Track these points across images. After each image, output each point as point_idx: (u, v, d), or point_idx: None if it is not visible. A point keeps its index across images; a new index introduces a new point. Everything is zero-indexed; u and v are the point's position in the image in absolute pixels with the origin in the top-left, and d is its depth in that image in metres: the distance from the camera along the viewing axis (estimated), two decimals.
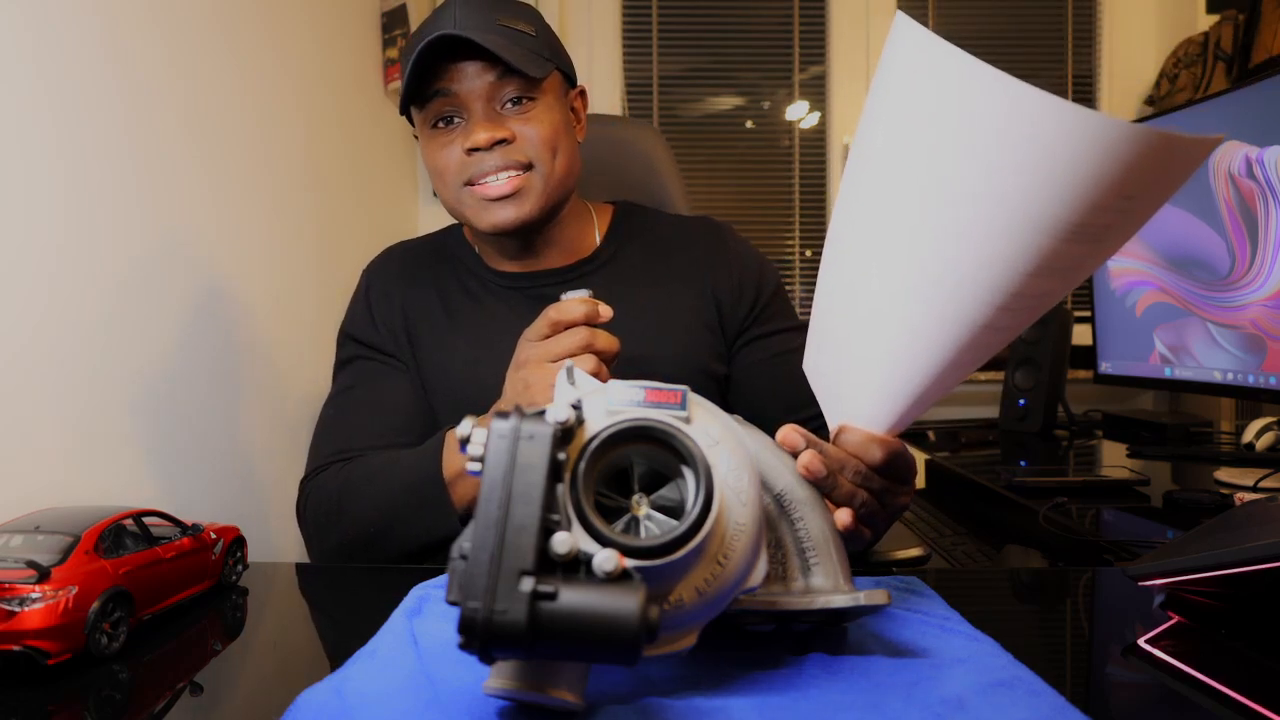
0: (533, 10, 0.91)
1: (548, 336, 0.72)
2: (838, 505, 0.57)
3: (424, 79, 0.85)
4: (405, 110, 0.90)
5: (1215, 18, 2.05)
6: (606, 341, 0.71)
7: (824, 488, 0.55)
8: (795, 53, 2.35)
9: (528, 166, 0.87)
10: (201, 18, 1.08)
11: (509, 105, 0.87)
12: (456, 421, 0.47)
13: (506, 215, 0.87)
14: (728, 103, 2.40)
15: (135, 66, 0.93)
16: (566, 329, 0.71)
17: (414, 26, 1.85)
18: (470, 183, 0.87)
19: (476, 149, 0.85)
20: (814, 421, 0.92)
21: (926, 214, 0.49)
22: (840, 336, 0.58)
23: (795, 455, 0.54)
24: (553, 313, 0.72)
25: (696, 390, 0.91)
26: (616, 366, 0.72)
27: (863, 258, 0.55)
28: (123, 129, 0.90)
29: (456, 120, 0.88)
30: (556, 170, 0.89)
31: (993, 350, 0.53)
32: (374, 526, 0.80)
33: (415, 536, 0.77)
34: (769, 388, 0.95)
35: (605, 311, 0.71)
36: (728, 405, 0.97)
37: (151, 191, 0.95)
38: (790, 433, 0.55)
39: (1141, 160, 0.42)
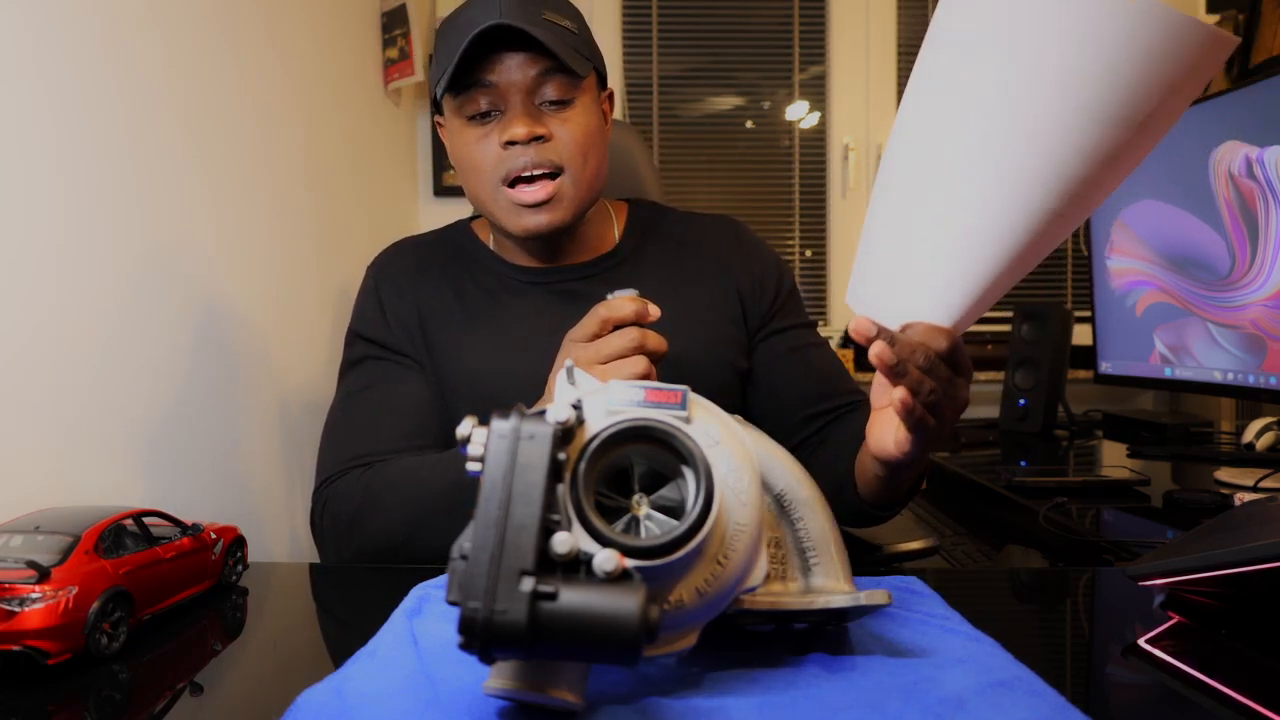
0: (574, 7, 0.90)
1: (596, 336, 0.70)
2: (905, 388, 0.58)
3: (465, 67, 0.83)
4: (438, 98, 0.88)
5: (1215, 18, 2.05)
6: (656, 342, 0.70)
7: (893, 374, 0.57)
8: (795, 53, 2.35)
9: (558, 171, 0.85)
10: (201, 18, 1.08)
11: (547, 105, 0.86)
12: None
13: (539, 221, 0.86)
14: (728, 103, 2.40)
15: (135, 66, 0.93)
16: (616, 329, 0.70)
17: (414, 26, 1.85)
18: (506, 182, 0.85)
19: (514, 142, 0.84)
20: (831, 414, 0.92)
21: (986, 106, 0.54)
22: (901, 237, 0.60)
23: (867, 344, 0.57)
24: (603, 311, 0.70)
25: (722, 386, 0.93)
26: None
27: (925, 155, 0.58)
28: (123, 129, 0.90)
29: (493, 114, 0.86)
30: (587, 175, 0.87)
31: (1053, 243, 0.57)
32: (400, 535, 0.79)
33: (443, 544, 0.75)
34: (788, 382, 0.95)
35: (654, 311, 0.70)
36: (747, 401, 0.97)
37: (151, 191, 0.95)
38: (862, 321, 0.57)
39: (1181, 47, 0.49)
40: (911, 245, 0.59)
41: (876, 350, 0.56)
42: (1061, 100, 0.51)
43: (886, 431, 0.66)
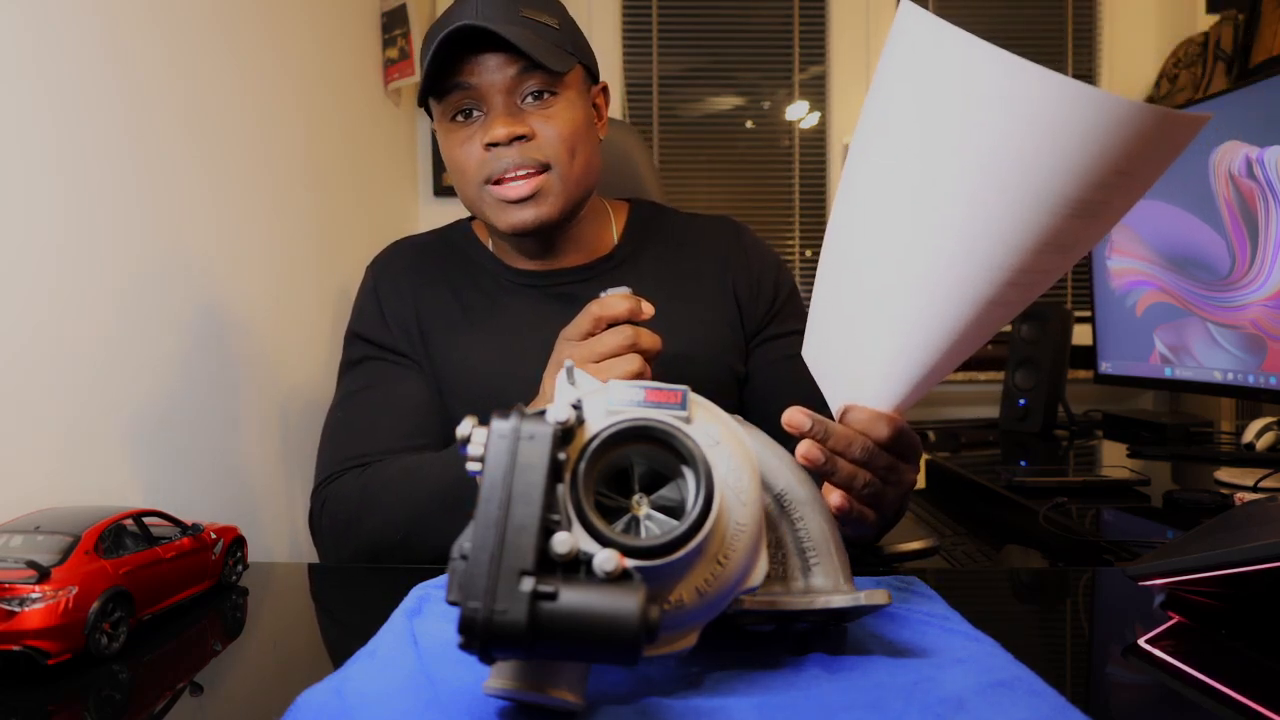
0: (557, 2, 0.89)
1: (589, 334, 0.70)
2: (837, 487, 0.57)
3: (443, 70, 0.83)
4: (423, 102, 0.88)
5: (1215, 18, 2.05)
6: (650, 340, 0.70)
7: (823, 472, 0.56)
8: (795, 53, 2.35)
9: (545, 167, 0.85)
10: (201, 18, 1.08)
11: (530, 99, 0.85)
12: None
13: (525, 217, 0.86)
14: (728, 103, 2.40)
15: (135, 66, 0.93)
16: (609, 327, 0.70)
17: (414, 26, 1.85)
18: (490, 181, 0.85)
19: (495, 144, 0.84)
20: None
21: (932, 192, 0.51)
22: (845, 317, 0.59)
23: (801, 436, 0.55)
24: (596, 309, 0.70)
25: (718, 389, 0.93)
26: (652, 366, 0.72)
27: (867, 238, 0.56)
28: (123, 129, 0.90)
29: (476, 113, 0.86)
30: (574, 171, 0.87)
31: (997, 327, 0.55)
32: (398, 534, 0.79)
33: (441, 544, 0.75)
34: (783, 388, 0.95)
35: (648, 309, 0.70)
36: (742, 404, 0.97)
37: (151, 191, 0.95)
38: (795, 413, 0.56)
39: (1137, 134, 0.45)
40: (852, 330, 0.58)
41: (803, 450, 0.55)
42: (999, 185, 0.48)
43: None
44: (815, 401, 0.94)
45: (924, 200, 0.51)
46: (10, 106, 0.75)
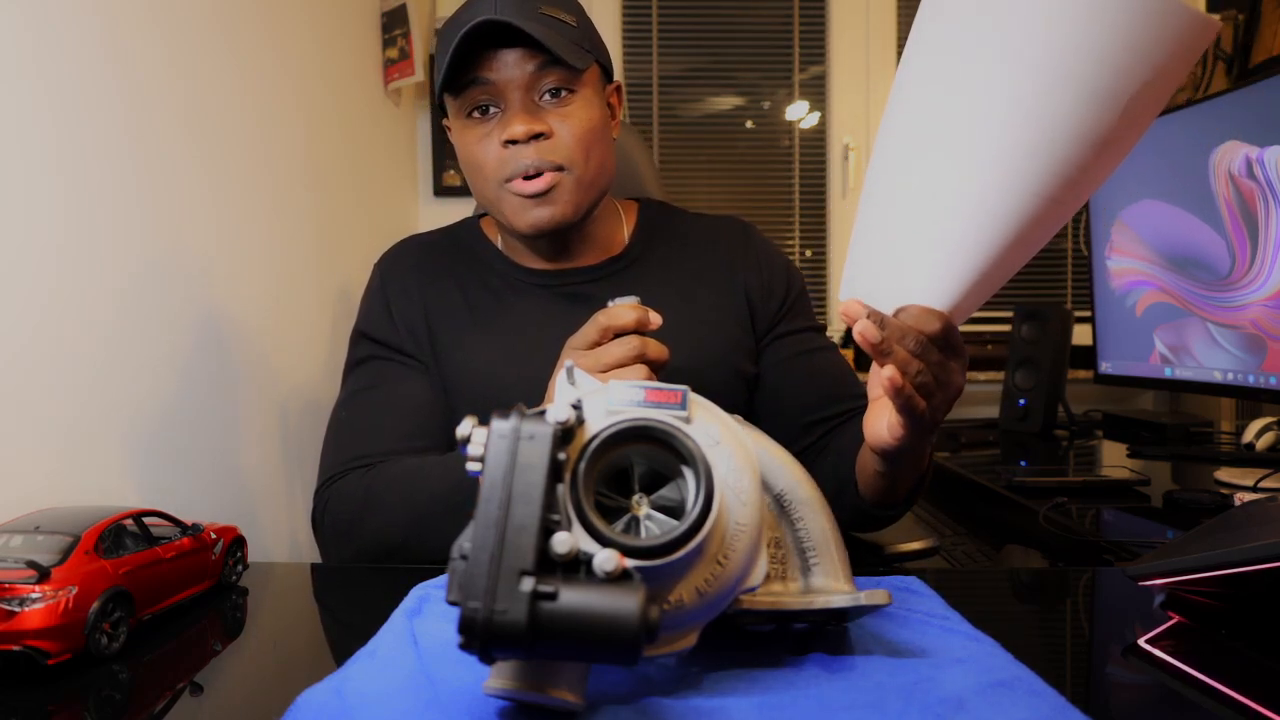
0: (574, 1, 0.89)
1: (596, 344, 0.70)
2: (894, 368, 0.58)
3: (461, 66, 0.83)
4: (439, 97, 0.88)
5: (1215, 17, 2.05)
6: (657, 350, 0.70)
7: (878, 353, 0.58)
8: (795, 53, 2.35)
9: (560, 169, 0.85)
10: (201, 18, 1.08)
11: (547, 97, 0.85)
12: None
13: (542, 215, 0.85)
14: (728, 103, 2.40)
15: (135, 66, 0.93)
16: (616, 337, 0.70)
17: (414, 26, 1.85)
18: (509, 180, 0.85)
19: (513, 141, 0.83)
20: (836, 419, 0.92)
21: (984, 92, 0.55)
22: (896, 222, 0.60)
23: (855, 323, 0.58)
24: (603, 319, 0.70)
25: (726, 390, 0.93)
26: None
27: (920, 143, 0.58)
28: (123, 130, 0.90)
29: (493, 110, 0.85)
30: (590, 171, 0.87)
31: (1048, 232, 0.57)
32: (401, 535, 0.79)
33: (443, 545, 0.74)
34: (793, 387, 0.95)
35: (655, 319, 0.70)
36: (753, 404, 0.97)
37: (151, 192, 0.95)
38: (852, 303, 0.58)
39: (1162, 28, 0.51)
40: (906, 230, 0.59)
41: (860, 328, 0.57)
42: (1050, 81, 0.52)
43: (880, 419, 0.66)
44: (827, 397, 0.95)
45: (974, 101, 0.55)
46: (10, 106, 0.75)
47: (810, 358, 0.96)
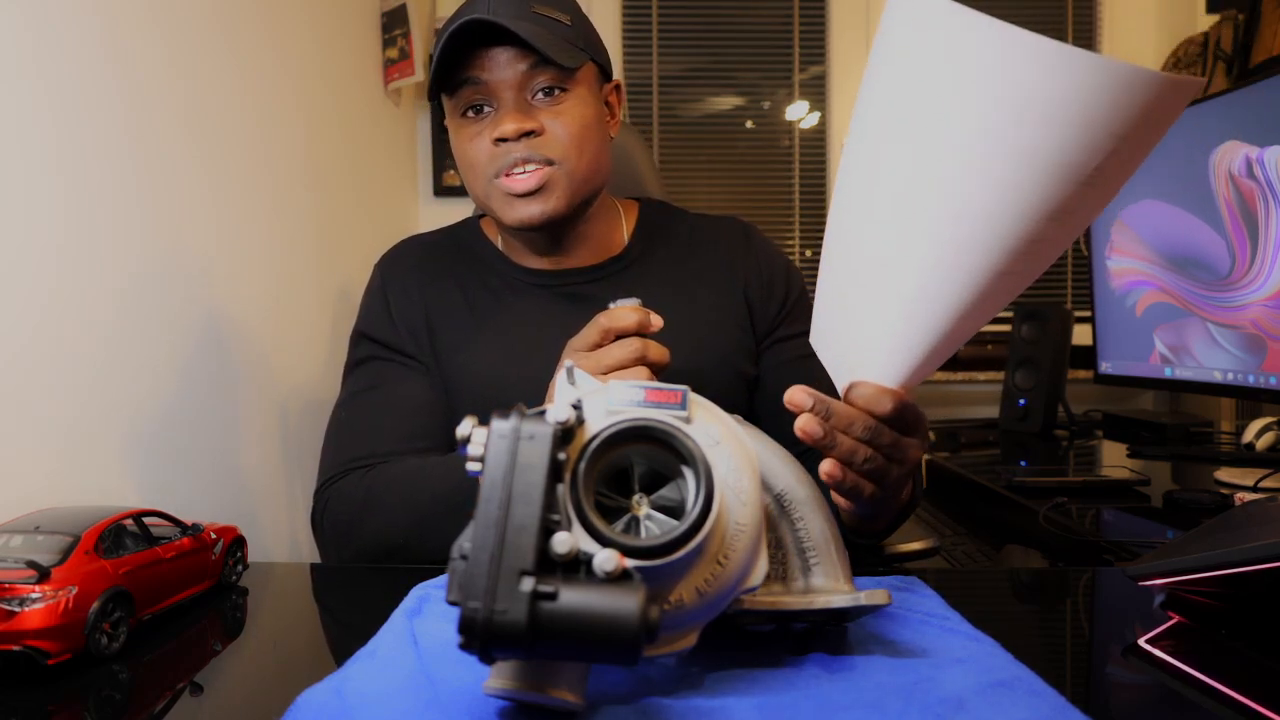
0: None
1: (597, 345, 0.70)
2: (837, 460, 0.57)
3: (454, 65, 0.83)
4: (434, 97, 0.88)
5: (1215, 18, 2.05)
6: (658, 352, 0.69)
7: (822, 447, 0.56)
8: (795, 53, 2.36)
9: (550, 163, 0.85)
10: (201, 18, 1.08)
11: (540, 96, 0.85)
12: None
13: (532, 211, 0.85)
14: (728, 103, 2.40)
15: (135, 66, 0.93)
16: (617, 339, 0.69)
17: (414, 26, 1.85)
18: (497, 175, 0.85)
19: (504, 139, 0.83)
20: None
21: (930, 164, 0.52)
22: (848, 295, 0.59)
23: (801, 413, 0.56)
24: (604, 320, 0.70)
25: (727, 391, 0.93)
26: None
27: (869, 214, 0.56)
28: (123, 129, 0.90)
29: (486, 109, 0.85)
30: (582, 167, 0.86)
31: (1002, 301, 0.55)
32: (401, 536, 0.79)
33: (443, 546, 0.74)
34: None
35: (656, 321, 0.70)
36: (754, 405, 0.97)
37: (151, 192, 0.95)
38: (797, 391, 0.57)
39: (1131, 97, 0.46)
40: (856, 307, 0.58)
41: (800, 424, 0.56)
42: (1003, 150, 0.49)
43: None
44: None
45: (923, 173, 0.52)
46: (10, 106, 0.75)
47: (810, 361, 0.95)
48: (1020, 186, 0.49)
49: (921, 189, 0.52)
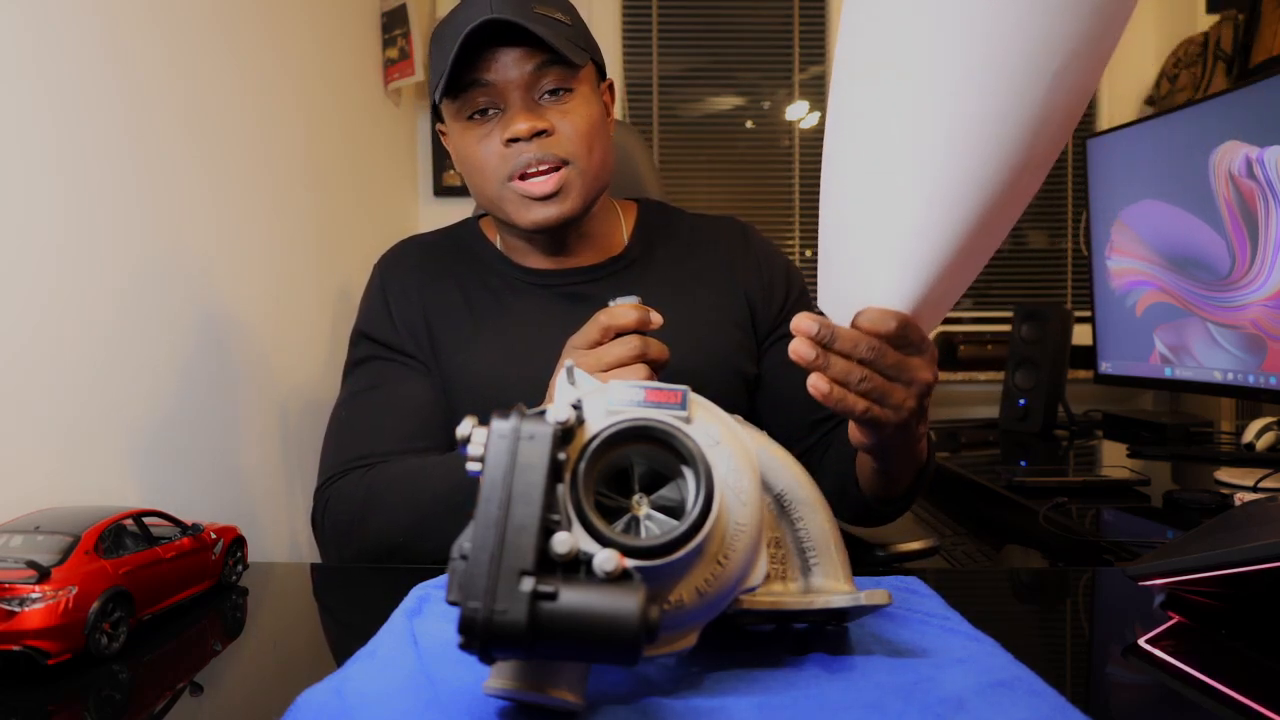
0: (566, 0, 0.89)
1: (597, 343, 0.70)
2: (832, 378, 0.58)
3: (460, 68, 0.83)
4: (436, 102, 0.88)
5: (1215, 18, 2.05)
6: (658, 350, 0.69)
7: (814, 368, 0.57)
8: (795, 53, 2.36)
9: (565, 162, 0.85)
10: (201, 18, 1.08)
11: (546, 97, 0.85)
12: None
13: (549, 213, 0.85)
14: (728, 103, 2.40)
15: (135, 66, 0.93)
16: (617, 336, 0.70)
17: (414, 26, 1.85)
18: (512, 177, 0.85)
19: (516, 139, 0.83)
20: (837, 418, 0.92)
21: (931, 66, 0.52)
22: (852, 217, 0.59)
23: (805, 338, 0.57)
24: (604, 318, 0.70)
25: (727, 391, 0.93)
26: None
27: (871, 129, 0.56)
28: (123, 129, 0.90)
29: (492, 111, 0.85)
30: (593, 165, 0.87)
31: (1008, 218, 0.55)
32: (401, 536, 0.79)
33: (444, 546, 0.74)
34: (798, 386, 0.94)
35: (656, 319, 0.70)
36: (755, 404, 0.97)
37: (151, 192, 0.95)
38: (803, 318, 0.57)
39: None
40: (861, 227, 0.58)
41: (793, 346, 0.57)
42: (999, 56, 0.51)
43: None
44: None
45: (923, 77, 0.53)
46: (10, 106, 0.75)
47: None
48: (1013, 82, 0.51)
49: (925, 93, 0.53)
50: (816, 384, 0.57)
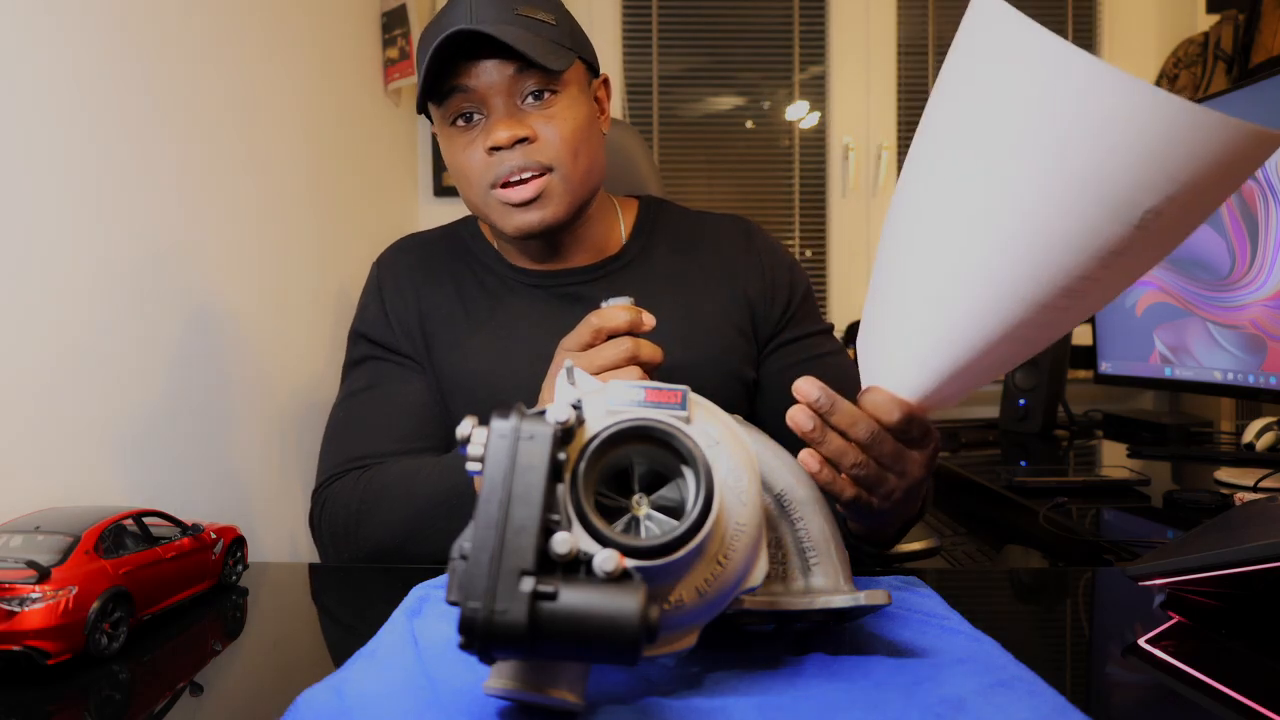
0: None
1: (589, 345, 0.69)
2: (825, 456, 0.56)
3: (441, 74, 0.82)
4: (422, 107, 0.87)
5: (1215, 18, 2.05)
6: (650, 352, 0.69)
7: (811, 441, 0.55)
8: (795, 53, 2.35)
9: (548, 169, 0.84)
10: (202, 17, 1.08)
11: (530, 100, 0.84)
12: None
13: (530, 220, 0.84)
14: (728, 103, 2.40)
15: (135, 66, 0.93)
16: (609, 338, 0.69)
17: (414, 27, 1.85)
18: (495, 185, 0.84)
19: (498, 148, 0.82)
20: None
21: (998, 189, 0.50)
22: (887, 299, 0.57)
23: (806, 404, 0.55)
24: (595, 320, 0.69)
25: (725, 396, 0.92)
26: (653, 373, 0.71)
27: (916, 222, 0.55)
28: (122, 129, 0.90)
29: (476, 116, 0.84)
30: (578, 171, 0.85)
31: (1042, 339, 0.53)
32: (397, 538, 0.79)
33: (441, 547, 0.75)
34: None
35: (649, 320, 0.69)
36: (755, 410, 0.95)
37: (151, 191, 0.95)
38: (805, 382, 0.56)
39: (1214, 146, 0.44)
40: (892, 310, 0.57)
41: (791, 414, 0.55)
42: (1054, 181, 0.47)
43: None
44: None
45: (989, 197, 0.50)
46: (10, 106, 0.75)
47: (815, 364, 0.94)
48: (1087, 223, 0.47)
49: (986, 214, 0.50)
50: (807, 460, 0.55)
